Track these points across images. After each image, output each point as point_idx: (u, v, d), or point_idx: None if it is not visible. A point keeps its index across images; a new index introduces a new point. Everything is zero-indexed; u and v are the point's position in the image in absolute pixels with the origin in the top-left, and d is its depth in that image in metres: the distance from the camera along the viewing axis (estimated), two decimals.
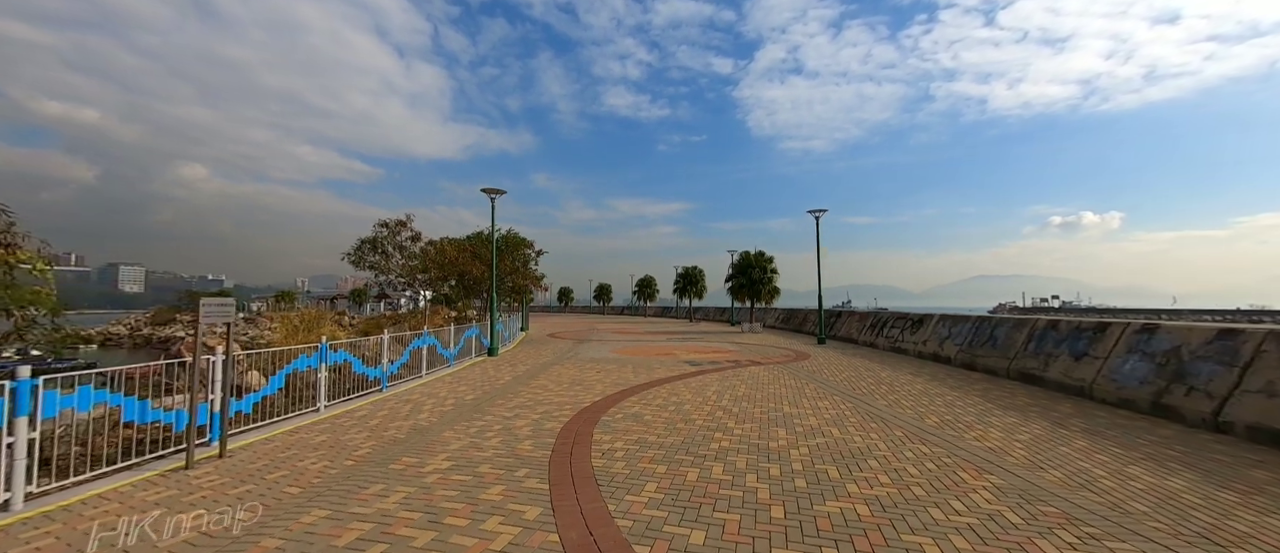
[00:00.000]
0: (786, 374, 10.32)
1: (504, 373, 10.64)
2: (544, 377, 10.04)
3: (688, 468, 4.55)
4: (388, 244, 13.25)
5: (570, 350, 15.56)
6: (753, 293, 24.44)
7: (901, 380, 9.50)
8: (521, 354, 14.50)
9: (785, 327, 25.77)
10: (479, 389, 8.67)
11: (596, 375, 10.14)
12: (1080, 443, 5.34)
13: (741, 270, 24.95)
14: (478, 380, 9.61)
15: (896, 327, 15.08)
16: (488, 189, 14.19)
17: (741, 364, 11.95)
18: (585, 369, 11.10)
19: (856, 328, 17.94)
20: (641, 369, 11.05)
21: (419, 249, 13.52)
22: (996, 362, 9.98)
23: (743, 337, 21.38)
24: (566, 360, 12.84)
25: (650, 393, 8.20)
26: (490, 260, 19.05)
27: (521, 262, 21.92)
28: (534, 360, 12.95)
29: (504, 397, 7.98)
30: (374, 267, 12.92)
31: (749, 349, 15.73)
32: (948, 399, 7.71)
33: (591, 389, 8.56)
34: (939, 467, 4.57)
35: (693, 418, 6.47)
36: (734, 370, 10.85)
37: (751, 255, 24.98)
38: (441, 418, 6.56)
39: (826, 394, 8.12)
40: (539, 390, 8.50)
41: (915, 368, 11.22)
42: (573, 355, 14.00)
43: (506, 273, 19.88)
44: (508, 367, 11.66)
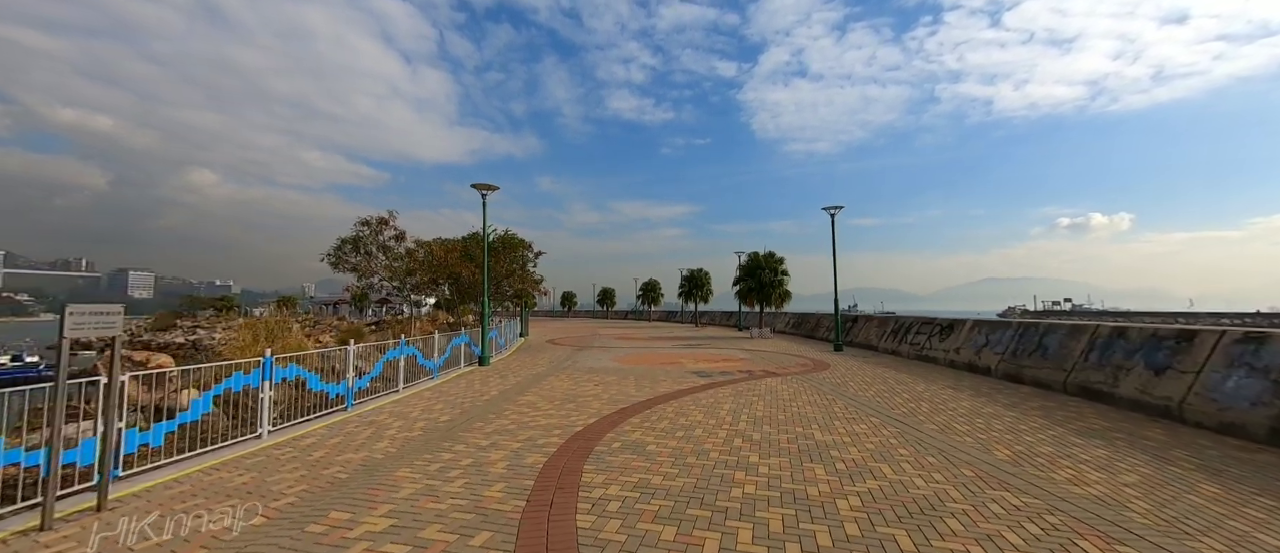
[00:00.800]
0: (808, 388, 9.14)
1: (492, 385, 9.52)
2: (535, 390, 8.92)
3: (704, 532, 3.40)
4: (370, 244, 12.23)
5: (568, 358, 14.44)
6: (762, 296, 23.24)
7: (942, 396, 8.30)
8: (516, 363, 13.40)
9: (797, 332, 24.53)
10: (459, 407, 7.56)
11: (594, 389, 9.01)
12: (1209, 488, 4.15)
13: (750, 272, 23.75)
14: (460, 396, 8.50)
15: (923, 332, 13.85)
16: (479, 185, 13.14)
17: (755, 375, 10.78)
18: (582, 381, 9.98)
19: (876, 334, 16.71)
20: (645, 381, 9.91)
21: (404, 250, 12.50)
22: (1049, 373, 8.76)
23: (753, 343, 20.18)
24: (563, 370, 11.72)
25: (654, 412, 7.06)
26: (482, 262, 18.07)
27: (519, 264, 20.87)
28: (528, 370, 11.84)
29: (485, 417, 6.86)
30: (356, 269, 11.91)
31: (761, 357, 14.55)
32: (1007, 422, 6.51)
33: (587, 407, 7.43)
34: (1045, 530, 3.40)
35: (706, 448, 5.32)
36: (748, 383, 9.69)
37: (761, 257, 23.79)
38: (403, 448, 5.44)
39: (861, 414, 6.94)
40: (527, 409, 7.38)
41: (951, 380, 10.00)
42: (570, 364, 12.89)
43: (503, 276, 18.82)
44: (498, 378, 10.55)
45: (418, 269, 13.29)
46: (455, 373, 11.29)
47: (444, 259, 13.54)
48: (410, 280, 14.83)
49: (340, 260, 11.85)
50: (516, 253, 20.92)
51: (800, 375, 10.71)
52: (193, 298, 69.27)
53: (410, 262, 12.41)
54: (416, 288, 14.23)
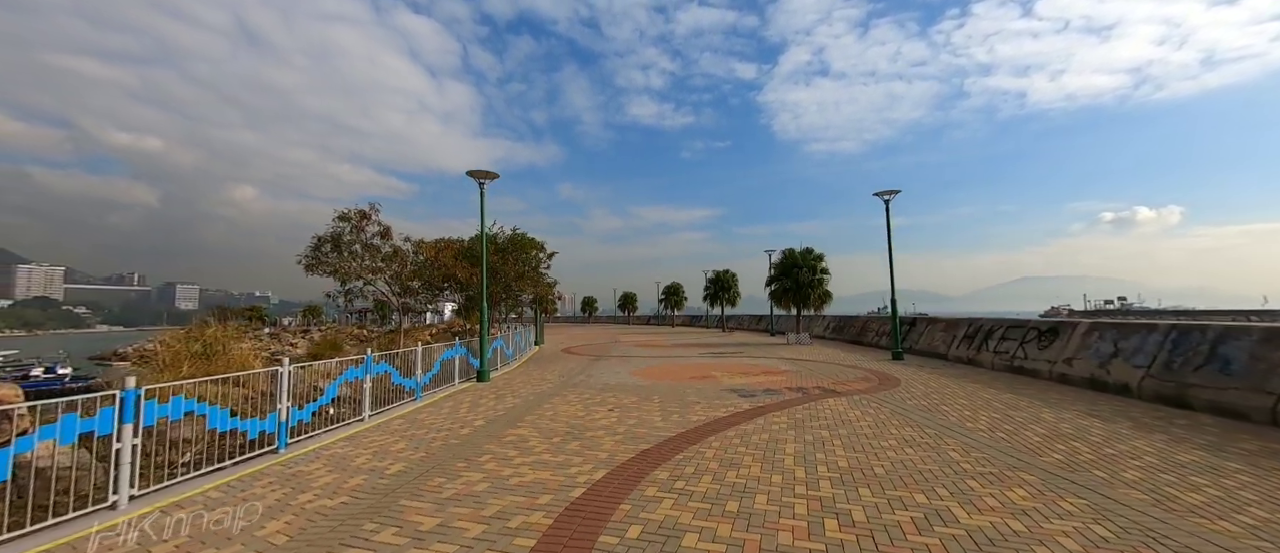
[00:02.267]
0: (890, 415, 6.88)
1: (482, 410, 7.60)
2: (533, 418, 6.94)
3: None
4: (355, 243, 10.60)
5: (582, 371, 12.47)
6: (800, 297, 20.81)
7: (1091, 429, 5.93)
8: (521, 377, 11.50)
9: (839, 337, 21.97)
10: (424, 446, 5.64)
11: (607, 417, 6.97)
12: None
13: (785, 271, 21.35)
14: (435, 427, 6.59)
15: (1010, 338, 11.32)
16: (476, 173, 11.35)
17: (811, 394, 8.56)
18: (594, 404, 7.96)
19: (943, 339, 14.17)
20: (672, 403, 7.82)
21: (390, 249, 10.83)
22: (1241, 397, 6.27)
23: (792, 350, 17.82)
24: (572, 387, 9.74)
25: (688, 459, 4.97)
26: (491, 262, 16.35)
27: (531, 266, 19.10)
28: (532, 387, 9.91)
29: (452, 467, 4.90)
30: (337, 271, 10.31)
31: (809, 369, 12.26)
32: (1242, 483, 4.17)
33: (595, 449, 5.40)
34: None
35: (783, 546, 3.21)
36: (806, 407, 7.49)
37: (797, 254, 21.38)
38: (295, 540, 3.51)
39: (999, 466, 4.69)
40: (514, 450, 5.39)
41: (1077, 402, 7.56)
42: (583, 379, 10.91)
43: (512, 278, 17.06)
44: (493, 399, 8.64)
45: (409, 272, 11.59)
46: (446, 392, 9.43)
47: (436, 259, 11.80)
48: (410, 285, 13.17)
49: (318, 262, 10.25)
50: (528, 254, 19.17)
51: (869, 395, 8.42)
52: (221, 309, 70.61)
53: (398, 264, 10.70)
54: (411, 292, 12.59)
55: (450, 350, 10.44)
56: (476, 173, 11.40)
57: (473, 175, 11.47)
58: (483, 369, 11.18)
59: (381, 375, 7.79)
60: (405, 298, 13.30)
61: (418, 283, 13.85)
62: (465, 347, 11.66)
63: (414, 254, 11.54)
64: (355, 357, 7.31)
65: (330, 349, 10.28)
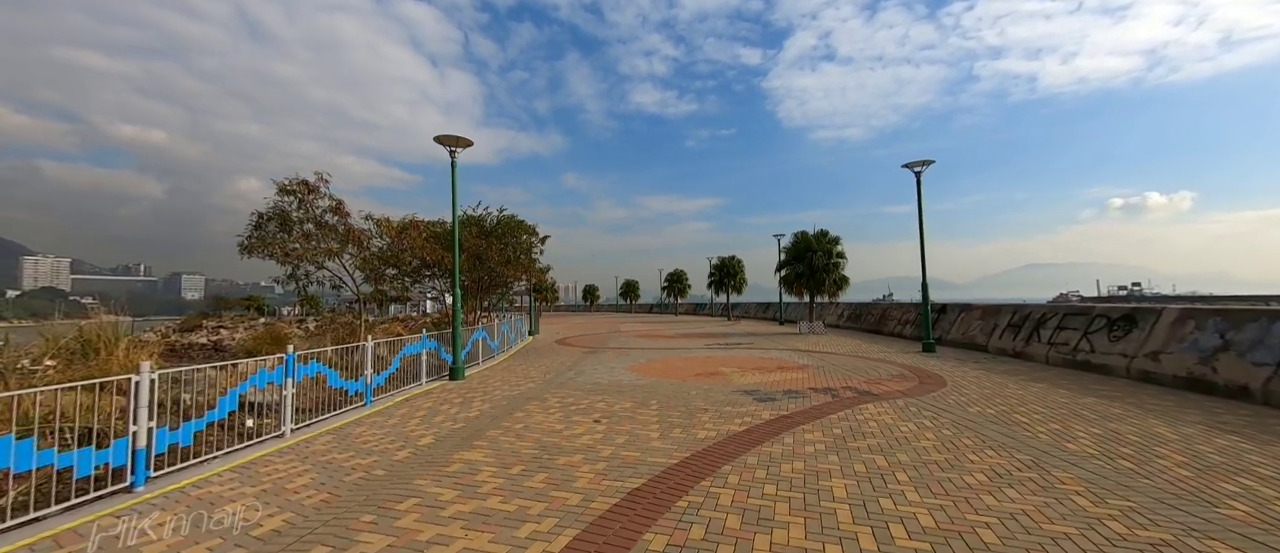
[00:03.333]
0: (955, 429, 5.31)
1: (435, 423, 6.09)
2: (492, 436, 5.42)
3: None
4: (306, 220, 9.03)
5: (573, 366, 10.96)
6: (814, 284, 19.16)
7: (1248, 454, 4.35)
8: (501, 375, 10.00)
9: (856, 326, 20.36)
10: (330, 486, 4.13)
11: (590, 434, 5.44)
12: None
13: (798, 255, 19.67)
14: (365, 449, 5.08)
15: (1070, 328, 9.69)
16: (444, 137, 9.71)
17: (842, 397, 7.00)
18: (578, 412, 6.43)
19: (981, 329, 12.55)
20: (674, 411, 6.29)
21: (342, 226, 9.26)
22: None
23: (806, 341, 16.25)
24: (558, 388, 8.23)
25: (694, 513, 3.43)
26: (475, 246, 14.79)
27: (520, 250, 17.52)
28: (510, 388, 8.40)
29: (346, 526, 3.39)
30: (286, 253, 8.71)
31: (831, 363, 10.69)
32: None
33: (565, 490, 3.87)
34: None
35: None
36: (841, 415, 5.93)
37: (811, 236, 19.67)
38: None
39: (1177, 527, 3.12)
40: (448, 494, 3.88)
41: (1200, 412, 5.96)
42: (573, 376, 9.39)
43: (497, 263, 15.50)
44: (456, 405, 7.13)
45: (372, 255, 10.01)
46: (405, 394, 7.94)
47: (399, 238, 10.21)
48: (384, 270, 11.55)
49: (260, 243, 8.65)
50: (518, 238, 17.59)
51: (915, 399, 6.86)
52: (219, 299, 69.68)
53: (355, 244, 9.12)
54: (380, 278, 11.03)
55: (414, 345, 8.93)
56: (446, 138, 9.78)
57: (441, 141, 9.85)
58: (456, 366, 9.68)
59: (314, 379, 6.28)
60: (380, 286, 11.79)
61: (393, 270, 12.29)
62: (436, 340, 10.17)
63: (378, 235, 9.98)
64: (272, 358, 5.79)
65: (270, 344, 8.79)
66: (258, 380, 5.43)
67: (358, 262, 10.25)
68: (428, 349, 9.47)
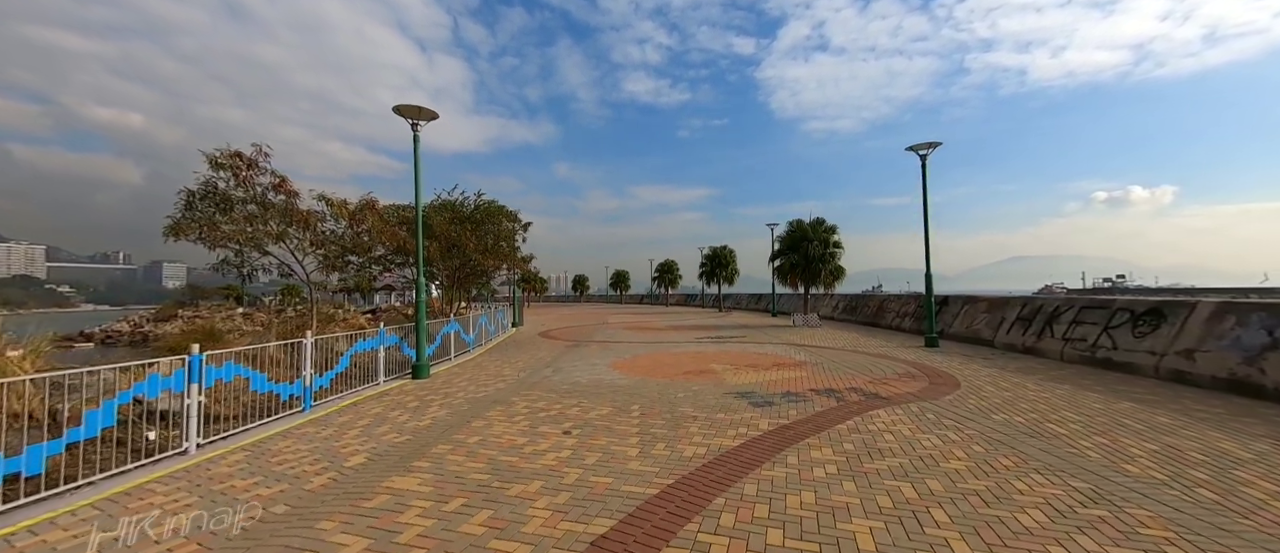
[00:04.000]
0: (988, 445, 4.51)
1: (377, 435, 5.16)
2: (437, 455, 4.51)
3: None
4: (248, 200, 7.92)
5: (552, 363, 10.07)
6: (809, 274, 18.38)
7: None
8: (470, 372, 9.07)
9: (852, 318, 19.67)
10: (215, 522, 3.21)
11: (556, 451, 4.56)
12: None
13: (793, 245, 18.85)
14: (277, 474, 4.15)
15: (1088, 322, 8.98)
16: (404, 108, 8.63)
17: (847, 401, 6.19)
18: (546, 420, 5.54)
19: (986, 323, 11.84)
20: (658, 419, 5.43)
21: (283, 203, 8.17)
22: None
23: (801, 334, 15.50)
24: (530, 388, 7.33)
25: None
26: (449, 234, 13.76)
27: (500, 238, 16.52)
28: (476, 389, 7.49)
29: None
30: (218, 237, 7.58)
31: (830, 360, 9.91)
32: None
33: (505, 545, 2.99)
34: None
35: None
36: (850, 425, 5.11)
37: (806, 225, 18.85)
38: None
39: None
40: (358, 542, 2.98)
41: (1255, 418, 5.24)
42: (549, 375, 8.50)
43: (475, 252, 14.49)
44: (409, 411, 6.21)
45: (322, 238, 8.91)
46: (355, 397, 6.98)
47: (353, 220, 9.10)
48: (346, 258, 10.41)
49: (191, 224, 7.50)
50: (499, 224, 16.57)
51: (930, 405, 6.07)
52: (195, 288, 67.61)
53: (300, 226, 8.01)
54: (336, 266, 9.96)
55: (370, 340, 7.97)
56: (405, 109, 8.72)
57: (402, 112, 8.79)
58: (419, 363, 8.73)
59: (229, 383, 5.31)
60: (341, 274, 10.73)
61: (356, 257, 11.20)
62: (399, 334, 9.21)
63: (332, 218, 8.89)
64: (171, 359, 4.81)
65: (207, 339, 7.77)
66: (148, 387, 4.45)
67: (307, 245, 9.19)
68: (387, 345, 8.51)
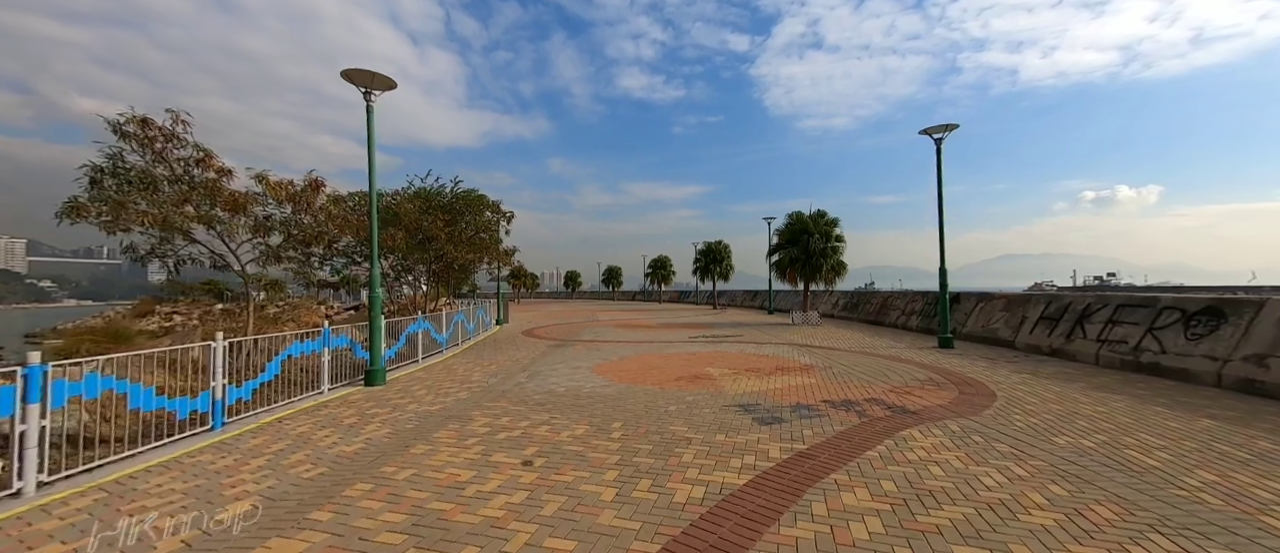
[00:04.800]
0: (1066, 482, 3.48)
1: (279, 471, 4.04)
2: (346, 498, 3.41)
3: None
4: (172, 178, 6.70)
5: (529, 366, 8.97)
6: (810, 269, 17.39)
7: None
8: (437, 376, 7.95)
9: (852, 316, 18.72)
10: None
11: (507, 492, 3.48)
12: None
13: (793, 238, 17.83)
14: (111, 536, 3.04)
15: (1128, 322, 8.03)
16: (355, 73, 7.44)
17: (868, 414, 5.17)
18: (504, 447, 4.46)
19: (1005, 322, 10.89)
20: (643, 443, 4.36)
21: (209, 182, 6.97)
22: None
23: (802, 333, 14.52)
24: (496, 399, 6.23)
25: None
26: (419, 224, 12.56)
27: (479, 229, 15.35)
28: (437, 397, 6.38)
29: None
30: (118, 220, 6.30)
31: (839, 363, 8.90)
32: None
33: None
34: None
35: None
36: (881, 451, 4.07)
37: (807, 218, 17.83)
38: None
39: None
40: None
41: None
42: (523, 381, 7.40)
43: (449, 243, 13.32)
44: (345, 428, 5.10)
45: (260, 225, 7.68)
46: (288, 410, 5.85)
47: (297, 203, 7.86)
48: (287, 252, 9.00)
49: (95, 203, 6.22)
50: (480, 215, 15.39)
51: (973, 423, 5.06)
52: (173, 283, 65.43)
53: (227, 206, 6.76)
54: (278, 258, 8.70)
55: (309, 343, 6.82)
56: (357, 74, 7.54)
57: (351, 78, 7.61)
58: (373, 368, 7.60)
59: (92, 401, 4.17)
60: (290, 265, 9.55)
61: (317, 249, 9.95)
62: (352, 335, 8.08)
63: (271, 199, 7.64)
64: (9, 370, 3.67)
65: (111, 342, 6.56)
66: None
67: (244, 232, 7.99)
68: (335, 347, 7.38)
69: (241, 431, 5.11)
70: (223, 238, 7.60)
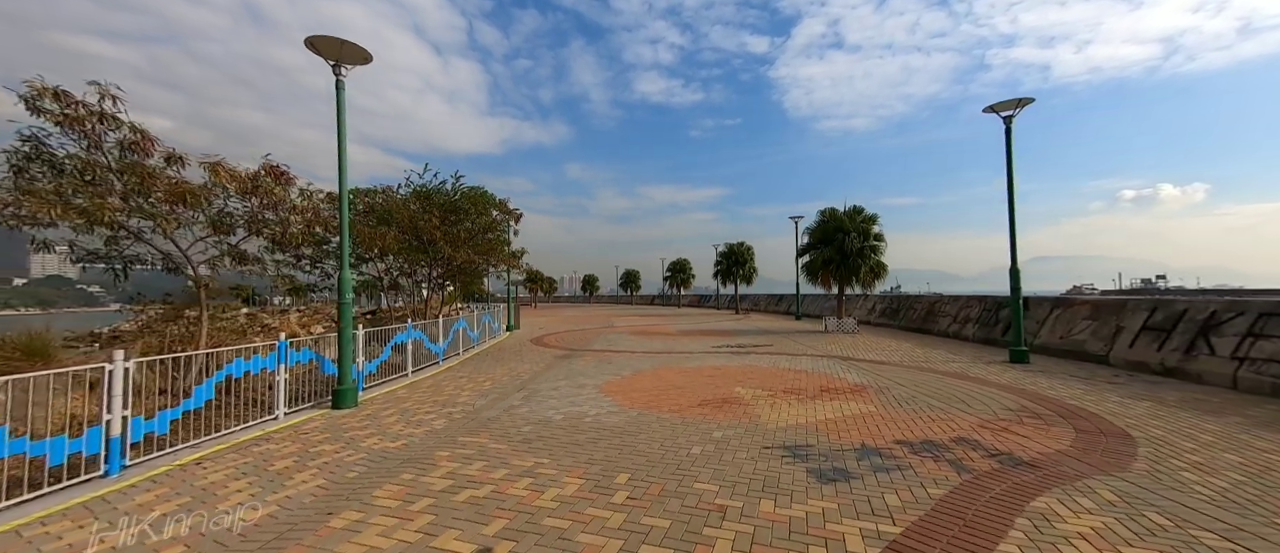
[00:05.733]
0: None
1: (164, 535, 2.86)
2: None
3: None
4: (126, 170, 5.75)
5: (528, 383, 7.72)
6: (846, 271, 15.73)
7: None
8: (422, 394, 6.77)
9: (892, 323, 16.97)
10: None
11: None
12: None
13: (826, 237, 16.20)
14: None
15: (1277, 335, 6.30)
16: (319, 40, 6.35)
17: (966, 465, 3.70)
18: (458, 515, 3.18)
19: (1091, 331, 9.15)
20: (656, 506, 3.02)
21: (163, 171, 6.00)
22: None
23: (837, 341, 12.93)
24: (477, 430, 4.97)
25: None
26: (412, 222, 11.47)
27: (482, 229, 14.25)
28: (409, 427, 5.16)
29: None
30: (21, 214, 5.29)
31: (891, 381, 7.35)
32: None
33: None
34: None
35: None
36: (1019, 539, 2.65)
37: (842, 214, 16.18)
38: None
39: None
40: None
41: None
42: (516, 404, 6.14)
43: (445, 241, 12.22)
44: (263, 481, 3.90)
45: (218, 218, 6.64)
46: (223, 444, 4.70)
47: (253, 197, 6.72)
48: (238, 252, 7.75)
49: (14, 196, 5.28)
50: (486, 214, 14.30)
51: (1130, 485, 3.55)
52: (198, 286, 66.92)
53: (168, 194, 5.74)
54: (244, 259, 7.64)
55: (254, 362, 5.71)
56: (324, 42, 6.43)
57: (315, 47, 6.51)
58: (342, 387, 6.45)
59: None
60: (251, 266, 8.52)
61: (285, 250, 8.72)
62: (318, 348, 6.99)
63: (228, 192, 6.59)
64: None
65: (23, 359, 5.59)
66: None
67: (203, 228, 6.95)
68: (293, 365, 6.26)
69: (140, 478, 3.96)
70: (169, 235, 6.57)
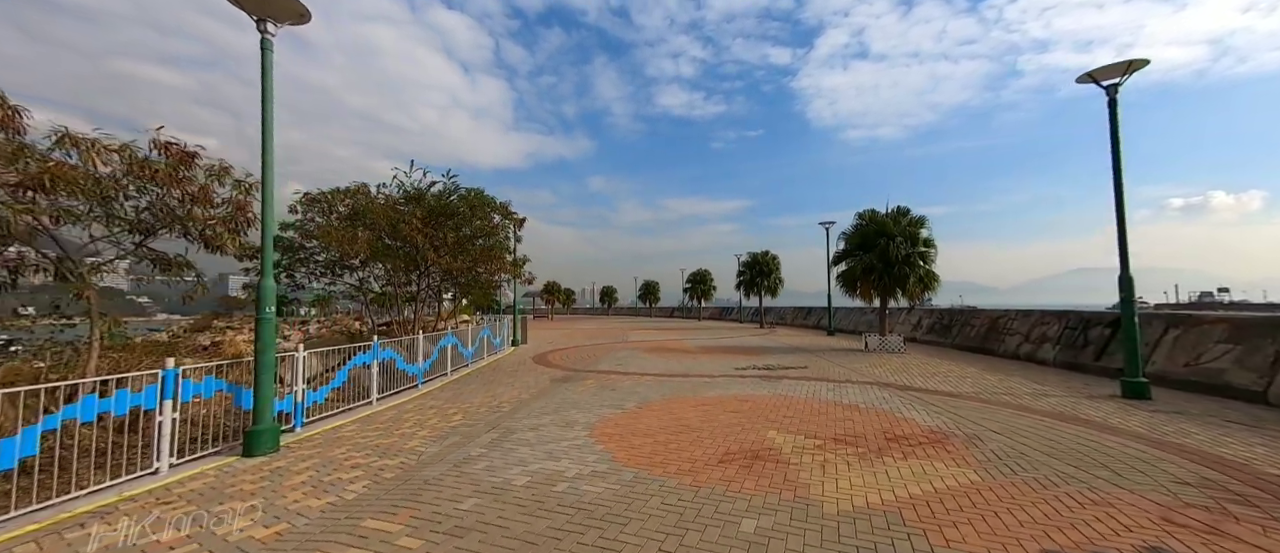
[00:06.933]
0: None
1: None
2: None
3: None
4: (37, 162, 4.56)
5: (505, 420, 6.14)
6: (890, 282, 13.71)
7: None
8: (366, 437, 5.29)
9: (943, 340, 14.81)
10: None
11: None
12: None
13: (866, 243, 14.23)
14: None
15: None
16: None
17: None
18: None
19: (1231, 359, 7.03)
20: None
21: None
22: None
23: (885, 364, 10.97)
24: (414, 497, 3.42)
25: None
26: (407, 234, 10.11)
27: (479, 234, 12.90)
28: (326, 490, 3.65)
29: None
30: None
31: (985, 426, 5.48)
32: None
33: None
34: None
35: None
36: None
37: (885, 217, 14.21)
38: None
39: None
40: None
41: None
42: (480, 453, 4.57)
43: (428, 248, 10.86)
44: None
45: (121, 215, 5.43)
46: (41, 522, 3.28)
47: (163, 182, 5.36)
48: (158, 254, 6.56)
49: None
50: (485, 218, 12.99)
51: None
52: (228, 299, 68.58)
53: (61, 182, 4.61)
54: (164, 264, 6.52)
55: (123, 397, 4.30)
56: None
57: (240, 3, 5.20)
58: (259, 427, 5.00)
59: None
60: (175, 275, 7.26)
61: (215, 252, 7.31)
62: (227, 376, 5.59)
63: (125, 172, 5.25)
64: None
65: None
66: None
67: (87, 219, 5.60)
68: (188, 399, 4.84)
69: None
70: (47, 230, 5.31)
